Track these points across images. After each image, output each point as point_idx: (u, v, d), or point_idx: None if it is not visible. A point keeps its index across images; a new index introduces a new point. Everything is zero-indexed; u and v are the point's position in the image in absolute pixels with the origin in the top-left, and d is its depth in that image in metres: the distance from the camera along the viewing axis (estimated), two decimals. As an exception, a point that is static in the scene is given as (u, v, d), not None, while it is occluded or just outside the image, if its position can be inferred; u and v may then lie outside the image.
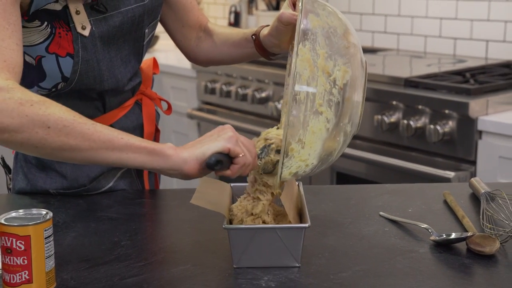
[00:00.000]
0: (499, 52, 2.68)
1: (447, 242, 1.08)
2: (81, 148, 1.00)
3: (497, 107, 2.10)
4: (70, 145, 0.99)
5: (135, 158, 1.01)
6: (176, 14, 1.42)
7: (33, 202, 1.30)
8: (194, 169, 1.03)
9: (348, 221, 1.20)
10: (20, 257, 0.90)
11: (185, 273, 1.00)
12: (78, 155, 1.01)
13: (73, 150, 1.00)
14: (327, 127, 0.98)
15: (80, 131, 0.99)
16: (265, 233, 1.00)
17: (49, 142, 0.99)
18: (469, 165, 2.08)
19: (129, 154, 1.01)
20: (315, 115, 0.97)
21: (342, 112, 0.99)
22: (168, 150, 1.03)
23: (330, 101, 0.97)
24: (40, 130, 0.98)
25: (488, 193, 1.23)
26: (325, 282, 0.96)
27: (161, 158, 1.02)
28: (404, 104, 2.20)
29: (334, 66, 0.98)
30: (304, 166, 1.01)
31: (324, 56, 0.98)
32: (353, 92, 1.00)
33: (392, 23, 3.06)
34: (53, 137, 0.99)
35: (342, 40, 1.00)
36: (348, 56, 1.00)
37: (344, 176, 2.43)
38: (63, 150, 1.00)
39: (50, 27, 1.18)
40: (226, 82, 2.95)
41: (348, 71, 0.99)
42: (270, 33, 1.25)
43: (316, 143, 0.99)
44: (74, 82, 1.23)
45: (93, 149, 1.00)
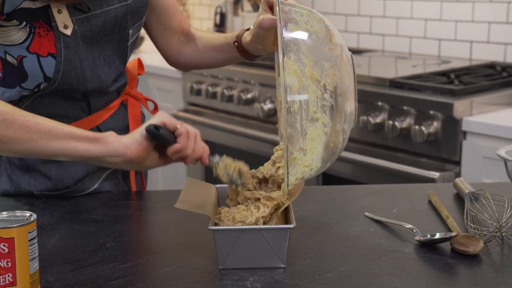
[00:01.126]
0: (483, 53, 2.70)
1: (431, 242, 1.08)
2: (21, 140, 1.00)
3: (481, 107, 2.12)
4: (9, 138, 1.00)
5: (76, 147, 1.02)
6: (158, 17, 1.41)
7: (17, 204, 1.30)
8: (137, 151, 1.05)
9: (333, 221, 1.20)
10: (4, 259, 0.89)
11: (170, 275, 1.00)
12: (18, 147, 1.01)
13: (13, 143, 1.00)
14: (325, 131, 0.99)
15: (21, 123, 1.00)
16: (250, 234, 1.00)
17: None
18: (453, 165, 2.09)
19: (70, 143, 1.02)
20: (311, 123, 0.98)
21: (337, 114, 1.00)
22: (109, 137, 1.05)
23: (323, 106, 0.98)
24: None
25: (472, 193, 1.24)
26: (310, 282, 0.96)
27: (102, 145, 1.03)
28: (389, 105, 2.21)
29: (322, 72, 0.98)
30: (309, 170, 1.02)
31: (310, 64, 0.98)
32: (344, 91, 1.00)
33: (377, 24, 3.08)
34: None
35: (325, 44, 1.00)
36: (333, 59, 1.00)
37: (330, 176, 2.44)
38: (2, 143, 1.01)
39: (29, 26, 1.17)
40: (212, 83, 2.95)
41: (336, 73, 0.99)
42: (253, 39, 1.25)
43: (317, 148, 1.00)
44: (57, 82, 1.22)
45: (34, 140, 1.00)
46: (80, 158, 1.05)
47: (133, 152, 1.05)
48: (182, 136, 1.10)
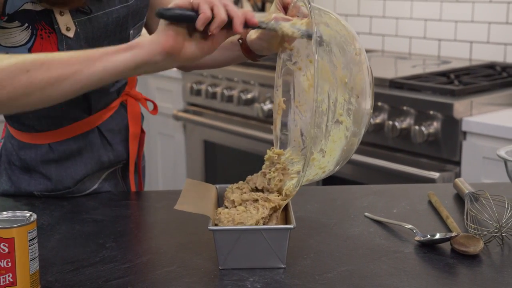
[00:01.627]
0: (483, 53, 2.70)
1: (431, 242, 1.08)
2: (67, 75, 0.99)
3: (481, 108, 2.12)
4: (55, 78, 0.98)
5: (116, 61, 0.99)
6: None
7: (17, 204, 1.30)
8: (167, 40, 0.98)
9: (333, 222, 1.20)
10: (4, 259, 0.89)
11: (170, 275, 1.00)
12: (67, 85, 1.00)
13: (60, 81, 0.99)
14: (346, 135, 1.00)
15: (59, 61, 0.99)
16: (250, 235, 1.00)
17: (35, 83, 0.98)
18: (453, 165, 2.09)
19: (109, 60, 0.99)
20: (336, 125, 0.99)
21: (358, 119, 1.01)
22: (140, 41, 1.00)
23: (349, 110, 0.99)
24: (22, 76, 0.97)
25: (472, 193, 1.24)
26: (310, 283, 0.96)
27: (138, 49, 0.99)
28: (389, 105, 2.21)
29: (350, 75, 0.99)
30: (321, 173, 1.03)
31: (340, 67, 0.99)
32: (364, 98, 1.02)
33: (377, 25, 3.08)
34: (37, 77, 0.98)
35: (353, 48, 1.02)
36: (359, 64, 1.02)
37: (330, 177, 2.43)
38: (51, 85, 0.99)
39: (31, 28, 1.17)
40: (211, 83, 2.95)
41: (362, 78, 1.01)
42: (259, 36, 1.24)
43: (336, 151, 1.01)
44: None
45: (78, 72, 0.99)
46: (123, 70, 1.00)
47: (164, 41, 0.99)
48: (200, 5, 0.99)
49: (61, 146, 1.31)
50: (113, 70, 1.00)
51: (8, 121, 1.34)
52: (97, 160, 1.34)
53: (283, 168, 1.09)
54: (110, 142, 1.36)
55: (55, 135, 1.31)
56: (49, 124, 1.30)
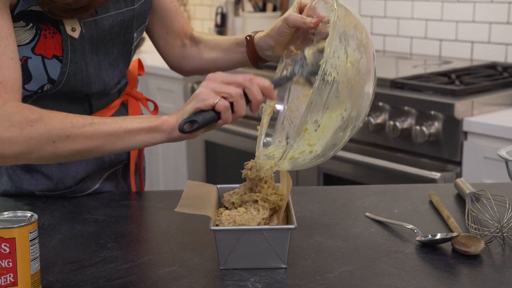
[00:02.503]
0: (484, 53, 2.70)
1: (432, 242, 1.08)
2: (90, 149, 1.06)
3: (482, 108, 2.12)
4: (79, 150, 1.06)
5: (137, 141, 1.07)
6: (160, 21, 1.41)
7: (18, 204, 1.30)
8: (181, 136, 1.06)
9: (334, 222, 1.20)
10: (5, 259, 0.89)
11: (171, 275, 1.00)
12: (89, 155, 1.09)
13: (83, 153, 1.07)
14: (342, 115, 1.00)
15: (83, 135, 1.05)
16: (251, 235, 1.00)
17: (59, 153, 1.06)
18: (454, 165, 2.09)
19: (131, 140, 1.06)
20: (336, 100, 0.98)
21: (356, 103, 1.01)
22: (162, 125, 1.07)
23: (351, 90, 0.99)
24: (48, 146, 1.05)
25: (473, 193, 1.24)
26: (311, 283, 0.96)
27: (159, 133, 1.07)
28: (390, 105, 2.21)
29: (361, 59, 1.00)
30: (308, 153, 1.02)
31: (353, 47, 1.00)
32: (368, 87, 1.02)
33: (378, 25, 3.08)
34: (62, 148, 1.05)
35: (365, 37, 1.04)
36: (367, 47, 1.04)
37: (331, 177, 2.44)
38: (74, 155, 1.07)
39: (36, 28, 1.17)
40: (212, 83, 2.95)
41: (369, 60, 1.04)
42: (268, 33, 1.25)
43: (329, 129, 1.00)
44: (62, 84, 1.22)
45: (100, 146, 1.06)
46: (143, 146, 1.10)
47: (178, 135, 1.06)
48: (222, 113, 1.05)
49: None
50: (133, 147, 1.08)
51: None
52: (98, 160, 1.34)
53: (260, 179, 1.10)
54: (111, 141, 1.36)
55: None
56: None
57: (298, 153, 1.02)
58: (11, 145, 1.03)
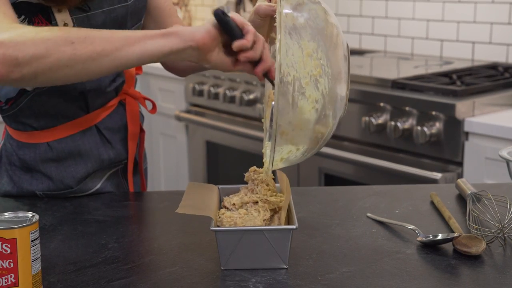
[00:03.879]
0: (485, 53, 2.70)
1: (433, 243, 1.08)
2: (108, 51, 1.02)
3: (483, 108, 2.12)
4: (97, 52, 1.01)
5: (153, 44, 1.03)
6: (154, 20, 1.41)
7: (19, 205, 1.30)
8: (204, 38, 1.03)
9: (335, 222, 1.20)
10: (6, 260, 0.89)
11: (172, 275, 1.00)
12: (107, 61, 1.03)
13: (102, 57, 1.02)
14: (316, 107, 0.98)
15: (101, 37, 1.02)
16: (252, 235, 1.00)
17: (78, 55, 1.01)
18: (455, 166, 2.09)
19: (147, 43, 1.03)
20: (303, 96, 0.97)
21: (329, 95, 0.99)
22: (178, 28, 1.05)
23: (316, 82, 0.98)
24: (67, 47, 1.00)
25: (475, 194, 1.24)
26: (312, 283, 0.96)
27: (174, 37, 1.03)
28: (391, 106, 2.21)
29: (318, 47, 0.98)
30: (295, 150, 1.01)
31: (307, 38, 0.98)
32: (337, 73, 1.00)
33: (379, 25, 3.08)
34: (80, 50, 1.01)
35: (322, 21, 1.01)
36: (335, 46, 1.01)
37: (332, 177, 2.44)
38: (92, 60, 1.02)
39: (28, 21, 1.17)
40: (214, 84, 2.95)
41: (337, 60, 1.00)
42: None
43: (307, 125, 0.99)
44: None
45: (118, 49, 1.02)
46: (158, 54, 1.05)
47: (200, 37, 1.03)
48: (249, 33, 1.04)
49: (59, 144, 1.31)
50: (150, 53, 1.04)
51: (6, 121, 1.34)
52: (97, 159, 1.34)
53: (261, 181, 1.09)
54: (109, 140, 1.36)
55: (53, 133, 1.31)
56: (46, 122, 1.30)
57: (286, 153, 1.01)
58: (26, 46, 0.98)
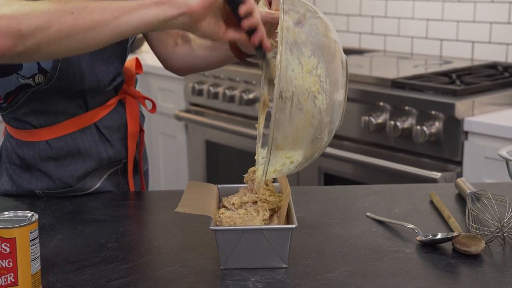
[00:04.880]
0: (485, 53, 2.70)
1: (433, 242, 1.08)
2: (107, 20, 1.02)
3: (483, 108, 2.12)
4: (97, 21, 1.02)
5: (149, 12, 1.04)
6: None
7: (18, 204, 1.30)
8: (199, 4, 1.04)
9: (335, 222, 1.20)
10: (5, 259, 0.89)
11: (172, 275, 1.00)
12: (107, 30, 1.03)
13: (101, 26, 1.03)
14: (312, 123, 0.99)
15: (99, 6, 1.03)
16: (252, 234, 1.00)
17: (79, 25, 1.01)
18: (455, 165, 2.09)
19: (143, 11, 1.04)
20: (300, 112, 0.97)
21: (326, 108, 0.99)
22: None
23: (315, 98, 0.98)
24: (67, 18, 1.01)
25: (474, 193, 1.24)
26: (312, 282, 0.96)
27: (168, 4, 1.04)
28: (391, 105, 2.21)
29: (318, 63, 0.98)
30: (289, 163, 1.01)
31: (307, 54, 0.98)
32: (335, 88, 1.00)
33: (379, 24, 3.07)
34: (80, 19, 1.01)
35: (322, 37, 1.01)
36: (333, 55, 1.01)
37: (331, 177, 2.44)
38: (92, 29, 1.02)
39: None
40: (213, 83, 2.95)
41: (335, 68, 1.00)
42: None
43: (302, 140, 0.99)
44: (54, 79, 1.23)
45: (116, 18, 1.03)
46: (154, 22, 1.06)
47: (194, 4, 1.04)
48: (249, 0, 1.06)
49: (58, 143, 1.31)
50: (146, 21, 1.04)
51: (5, 119, 1.34)
52: (96, 157, 1.34)
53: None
54: (108, 139, 1.36)
55: (52, 131, 1.31)
56: (45, 119, 1.30)
57: (279, 165, 1.02)
58: (28, 18, 0.99)
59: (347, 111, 1.06)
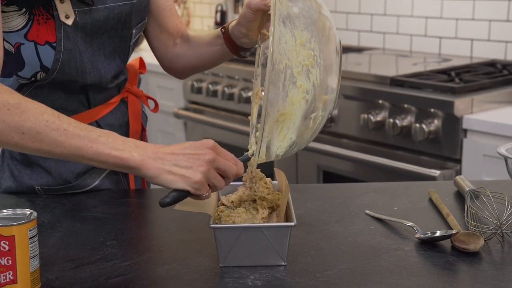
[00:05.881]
0: (483, 51, 2.70)
1: (432, 240, 1.08)
2: (54, 153, 1.01)
3: (481, 105, 2.12)
4: (43, 150, 1.01)
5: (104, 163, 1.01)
6: (154, 19, 1.41)
7: (18, 202, 1.30)
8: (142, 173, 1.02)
9: (334, 219, 1.20)
10: (4, 257, 0.89)
11: (171, 273, 1.00)
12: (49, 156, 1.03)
13: (46, 154, 1.02)
14: (306, 98, 0.98)
15: (53, 138, 1.00)
16: (251, 232, 1.00)
17: (24, 146, 1.01)
18: (454, 163, 2.09)
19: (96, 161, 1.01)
20: (294, 85, 0.97)
21: (320, 86, 0.99)
22: (133, 163, 0.99)
23: (308, 72, 0.97)
24: (16, 135, 1.00)
25: (473, 191, 1.24)
26: (311, 280, 0.96)
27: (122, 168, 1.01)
28: (390, 103, 2.21)
29: (311, 37, 0.98)
30: (282, 139, 1.00)
31: (301, 28, 0.98)
32: (329, 66, 1.00)
33: (378, 22, 3.07)
34: (27, 142, 1.00)
35: (316, 13, 1.01)
36: (328, 40, 1.01)
37: (330, 174, 2.44)
38: (37, 153, 1.02)
39: (28, 13, 1.17)
40: (212, 81, 2.95)
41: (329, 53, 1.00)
42: (238, 22, 1.25)
43: (296, 115, 0.99)
44: (56, 72, 1.22)
45: (65, 155, 1.01)
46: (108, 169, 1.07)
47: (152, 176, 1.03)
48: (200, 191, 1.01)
49: None
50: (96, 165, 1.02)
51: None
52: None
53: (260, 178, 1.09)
54: (110, 137, 1.36)
55: None
56: None
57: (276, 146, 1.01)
58: None
59: (346, 109, 1.06)
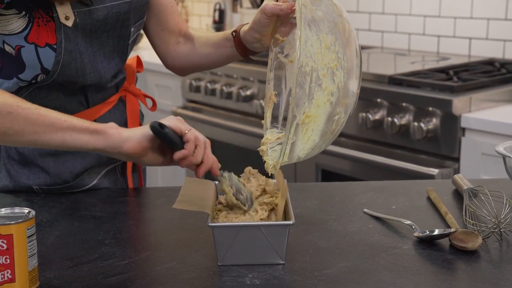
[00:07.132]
0: (482, 49, 2.70)
1: (430, 238, 1.09)
2: (25, 132, 1.02)
3: (480, 104, 2.12)
4: (15, 130, 1.02)
5: (77, 138, 1.04)
6: (156, 17, 1.41)
7: (16, 200, 1.30)
8: (134, 148, 1.06)
9: (332, 218, 1.20)
10: (3, 256, 0.89)
11: (169, 271, 1.00)
12: (22, 139, 1.04)
13: (17, 135, 1.03)
14: (330, 100, 0.99)
15: (25, 116, 1.02)
16: (249, 231, 1.00)
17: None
18: (452, 162, 2.09)
19: (71, 135, 1.03)
20: (319, 88, 0.98)
21: (344, 87, 1.00)
22: (109, 129, 1.05)
23: (333, 74, 0.98)
24: None
25: (471, 189, 1.24)
26: (309, 279, 0.97)
27: (102, 137, 1.04)
28: (388, 102, 2.21)
29: (336, 40, 0.99)
30: (306, 141, 1.01)
31: (325, 31, 0.99)
32: (350, 69, 1.01)
33: (376, 21, 3.07)
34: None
35: (338, 17, 1.02)
36: (349, 43, 1.02)
37: (329, 173, 2.44)
38: (8, 135, 1.03)
39: (28, 16, 1.17)
40: (211, 80, 2.95)
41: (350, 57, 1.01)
42: (251, 27, 1.24)
43: (321, 117, 1.00)
44: (56, 74, 1.22)
45: (37, 133, 1.02)
46: (81, 149, 1.07)
47: (129, 147, 1.06)
48: (189, 142, 1.08)
49: None
50: (71, 145, 1.05)
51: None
52: (96, 154, 1.34)
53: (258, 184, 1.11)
54: (108, 136, 1.36)
55: None
56: None
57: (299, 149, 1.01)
58: None
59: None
